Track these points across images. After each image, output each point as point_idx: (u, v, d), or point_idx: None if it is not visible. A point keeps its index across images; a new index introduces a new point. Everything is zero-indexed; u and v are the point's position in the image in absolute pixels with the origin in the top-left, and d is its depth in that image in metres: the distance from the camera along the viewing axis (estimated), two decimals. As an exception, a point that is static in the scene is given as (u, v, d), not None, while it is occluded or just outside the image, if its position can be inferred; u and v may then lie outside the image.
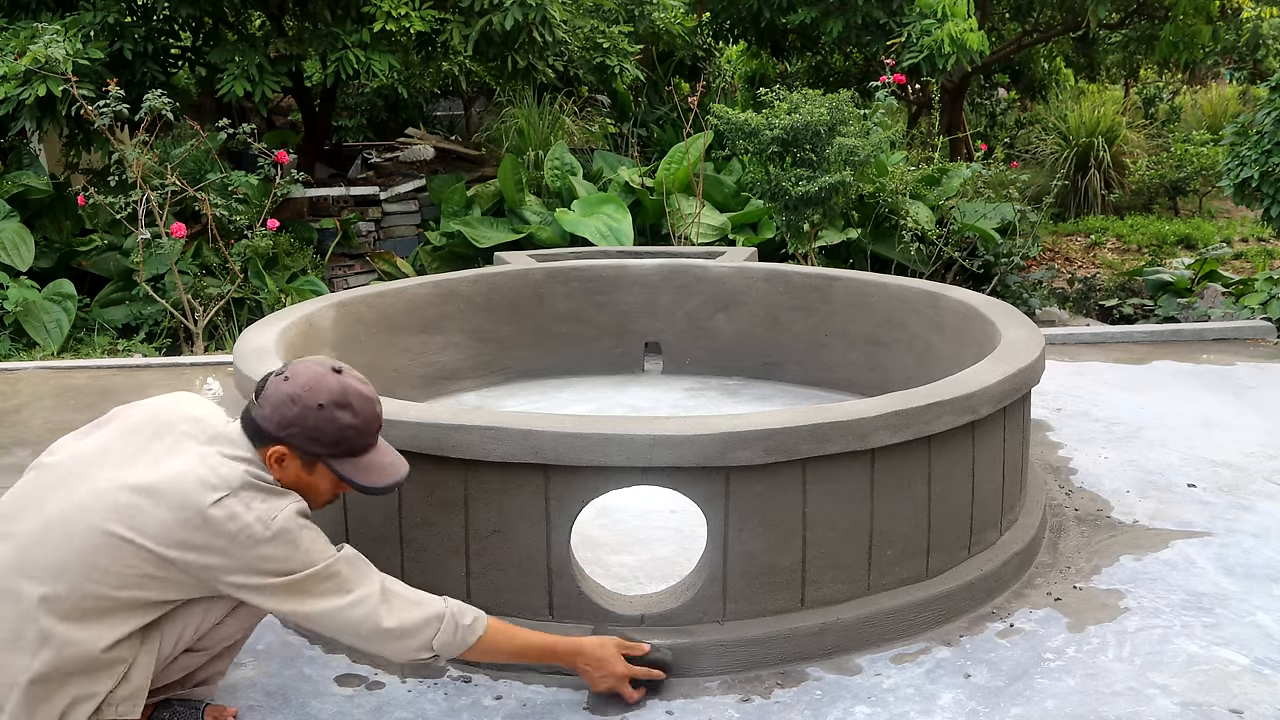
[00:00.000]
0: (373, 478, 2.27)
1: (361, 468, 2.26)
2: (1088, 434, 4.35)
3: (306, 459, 2.22)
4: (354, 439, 2.24)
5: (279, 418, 2.18)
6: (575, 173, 9.21)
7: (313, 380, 2.20)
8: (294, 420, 2.18)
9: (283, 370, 2.24)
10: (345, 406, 2.21)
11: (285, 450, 2.19)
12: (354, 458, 2.25)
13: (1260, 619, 2.88)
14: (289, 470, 2.21)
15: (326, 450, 2.21)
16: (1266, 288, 6.62)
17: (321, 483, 2.26)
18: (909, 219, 7.84)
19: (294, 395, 2.18)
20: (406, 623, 2.20)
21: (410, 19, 7.91)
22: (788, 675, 2.64)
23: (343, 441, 2.22)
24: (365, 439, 2.26)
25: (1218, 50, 11.14)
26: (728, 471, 2.59)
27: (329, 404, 2.19)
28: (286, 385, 2.20)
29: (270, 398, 2.20)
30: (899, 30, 9.19)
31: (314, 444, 2.20)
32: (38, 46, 6.87)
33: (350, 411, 2.22)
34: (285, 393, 2.19)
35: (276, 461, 2.19)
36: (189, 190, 7.07)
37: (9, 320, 7.03)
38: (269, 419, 2.18)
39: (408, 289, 4.66)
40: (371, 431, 2.27)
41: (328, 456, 2.22)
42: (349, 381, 2.24)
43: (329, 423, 2.19)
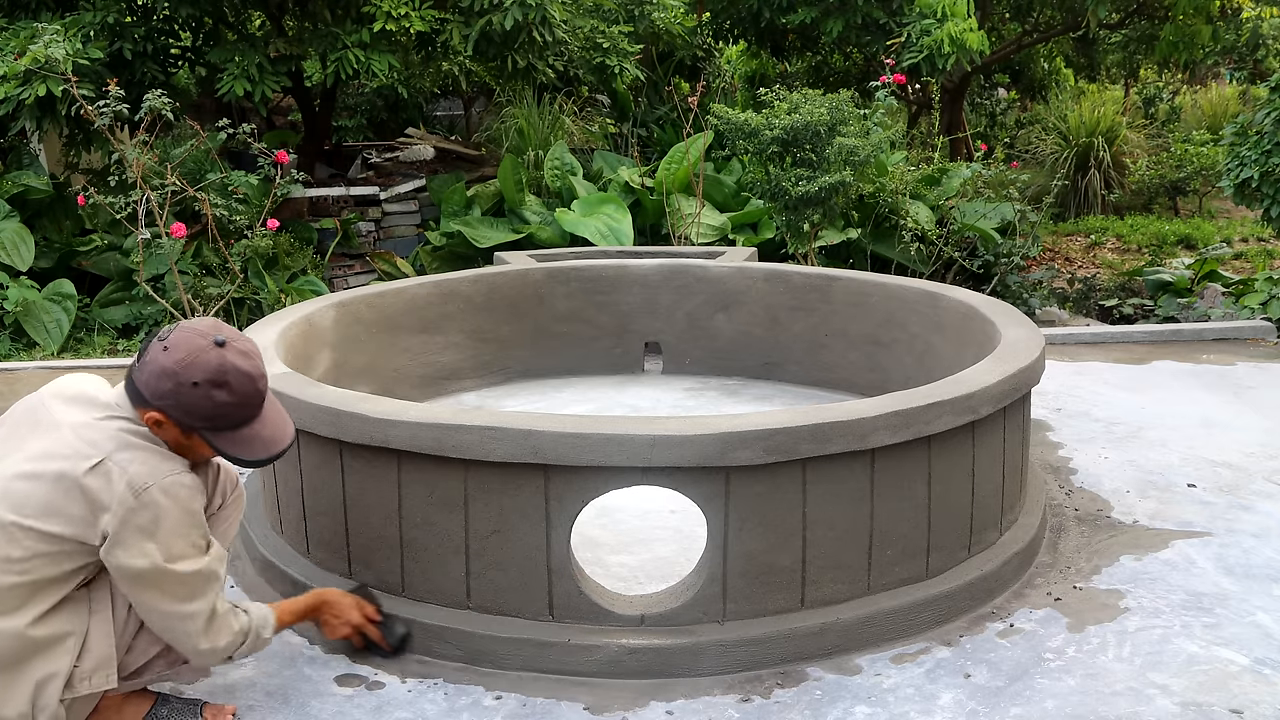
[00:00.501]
0: (248, 451, 2.26)
1: (239, 441, 2.25)
2: (1088, 434, 4.35)
3: (183, 429, 2.22)
4: (231, 415, 2.22)
5: (155, 388, 2.18)
6: (575, 173, 9.21)
7: (190, 356, 2.18)
8: (168, 394, 2.17)
9: (166, 335, 2.22)
10: (222, 385, 2.19)
11: (161, 417, 2.20)
12: (232, 431, 2.24)
13: (1260, 619, 2.88)
14: (167, 434, 2.22)
15: (202, 424, 2.21)
16: (1266, 288, 6.62)
17: (200, 447, 2.27)
18: (909, 219, 7.84)
19: (169, 370, 2.17)
20: (219, 645, 2.27)
21: (410, 19, 7.91)
22: (788, 675, 2.64)
23: (219, 418, 2.21)
24: (244, 413, 2.24)
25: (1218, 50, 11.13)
26: (728, 471, 2.59)
27: (204, 383, 2.17)
28: (164, 357, 2.18)
29: (148, 365, 2.19)
30: (899, 30, 9.18)
31: (189, 418, 2.19)
32: (38, 46, 6.87)
33: (227, 390, 2.19)
34: (162, 365, 2.18)
35: (154, 424, 2.21)
36: (189, 190, 7.06)
37: (9, 320, 7.03)
38: (146, 386, 2.19)
39: (408, 289, 4.66)
40: (251, 406, 2.25)
41: (203, 430, 2.22)
42: (229, 358, 2.20)
43: (204, 400, 2.18)
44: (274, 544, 3.16)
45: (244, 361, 2.23)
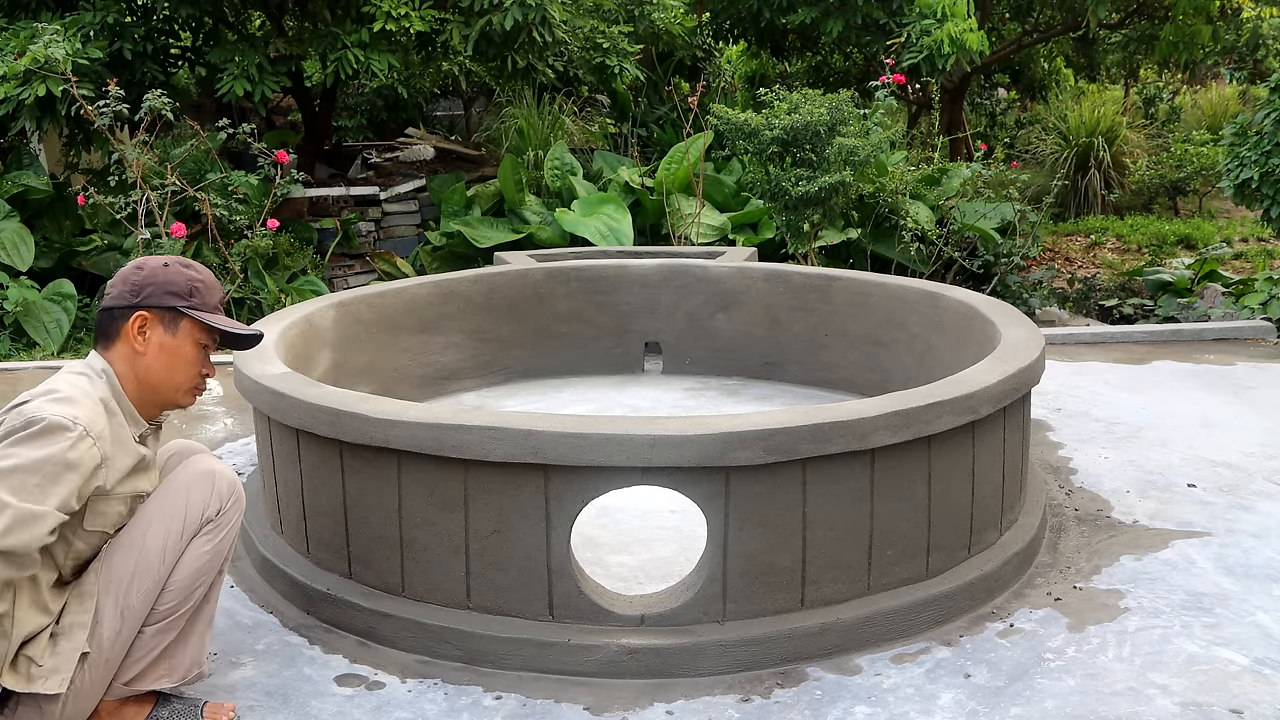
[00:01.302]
0: (235, 327, 2.39)
1: (223, 321, 2.38)
2: (1088, 434, 4.35)
3: (168, 320, 2.32)
4: (204, 293, 2.37)
5: (129, 285, 2.31)
6: (575, 173, 9.21)
7: (149, 259, 2.37)
8: (145, 280, 2.31)
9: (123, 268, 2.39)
10: (189, 266, 2.38)
11: (146, 314, 2.31)
12: (212, 313, 2.37)
13: (1260, 619, 2.88)
14: (153, 339, 2.31)
15: (184, 301, 2.33)
16: (1266, 288, 6.62)
17: (185, 346, 2.34)
18: (909, 219, 7.84)
19: (139, 264, 2.34)
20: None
21: (410, 19, 7.91)
22: (788, 675, 2.64)
23: (195, 294, 2.35)
24: (214, 297, 2.39)
25: (1218, 50, 11.13)
26: (728, 471, 2.59)
27: (173, 263, 2.35)
28: (130, 269, 2.35)
29: (115, 281, 2.34)
30: (899, 30, 9.19)
31: (171, 297, 2.32)
32: (37, 46, 6.87)
33: (194, 270, 2.37)
34: (130, 267, 2.35)
35: (139, 332, 2.30)
36: (189, 190, 7.07)
37: (9, 320, 7.03)
38: (120, 295, 2.31)
39: (408, 289, 4.66)
40: (217, 294, 2.41)
41: (187, 307, 2.33)
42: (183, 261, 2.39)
43: (179, 275, 2.34)
44: (274, 544, 3.16)
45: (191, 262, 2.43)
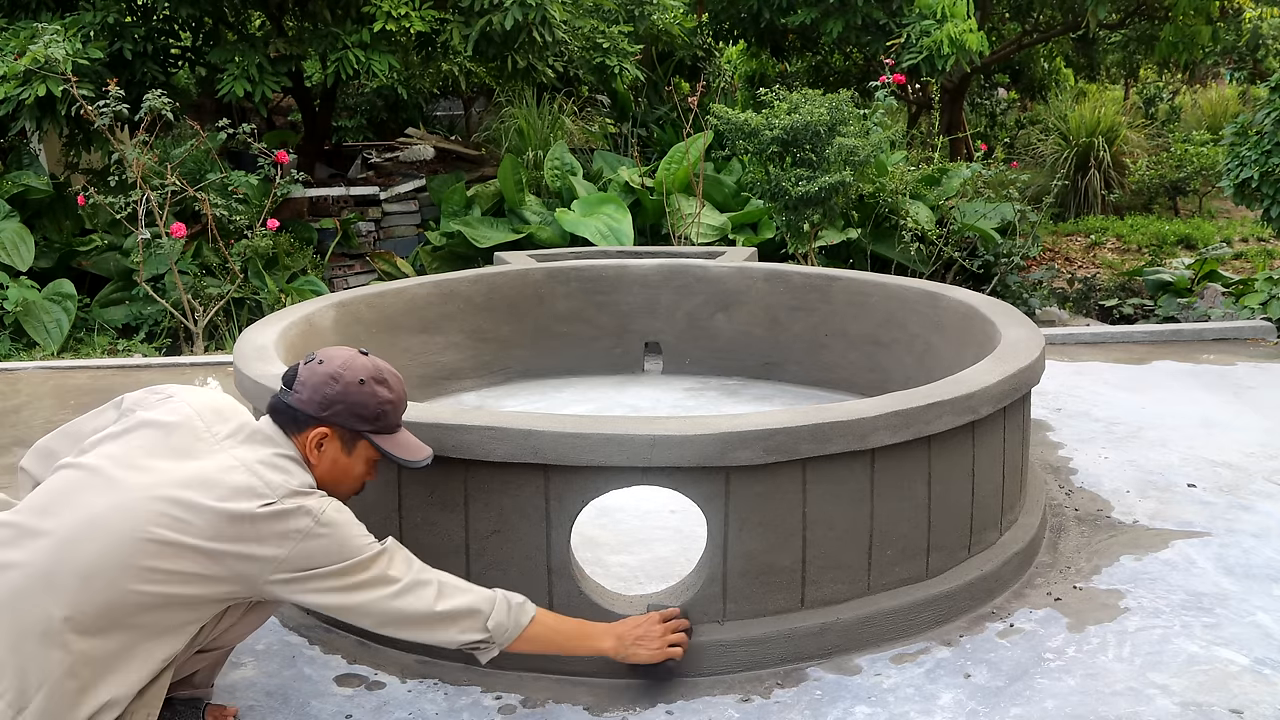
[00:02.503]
0: (410, 453, 2.34)
1: (399, 444, 2.33)
2: (1088, 434, 4.35)
3: (348, 439, 2.27)
4: (391, 415, 2.31)
5: (320, 397, 2.23)
6: (575, 173, 9.21)
7: (348, 360, 2.28)
8: (337, 398, 2.23)
9: (312, 357, 2.30)
10: (383, 382, 2.29)
11: (328, 431, 2.24)
12: (392, 435, 2.33)
13: (1260, 619, 2.88)
14: (327, 454, 2.25)
15: (369, 426, 2.27)
16: (1266, 288, 6.62)
17: (357, 465, 2.31)
18: (909, 219, 7.84)
19: (334, 374, 2.24)
20: (458, 605, 2.22)
21: (410, 19, 7.92)
22: (788, 675, 2.64)
23: (382, 417, 2.29)
24: (399, 415, 2.35)
25: (1218, 50, 11.14)
26: (728, 471, 2.59)
27: (370, 379, 2.26)
28: (323, 369, 2.25)
29: (308, 381, 2.24)
30: (899, 31, 9.19)
31: (357, 420, 2.25)
32: (37, 46, 6.87)
33: (387, 387, 2.30)
34: (324, 373, 2.24)
35: (316, 446, 2.24)
36: (189, 190, 7.07)
37: (9, 320, 7.03)
38: (309, 401, 2.23)
39: (408, 289, 4.66)
40: (402, 406, 2.36)
41: (370, 433, 2.28)
42: (379, 361, 2.33)
43: (371, 397, 2.26)
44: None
45: (391, 366, 2.36)
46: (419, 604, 2.19)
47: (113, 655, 2.03)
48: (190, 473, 2.10)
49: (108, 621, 2.02)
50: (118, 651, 2.04)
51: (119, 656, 2.04)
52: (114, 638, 2.03)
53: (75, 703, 2.00)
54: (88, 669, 2.01)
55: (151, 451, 2.15)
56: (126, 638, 2.04)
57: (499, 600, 2.29)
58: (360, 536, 2.17)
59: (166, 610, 2.06)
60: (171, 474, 2.10)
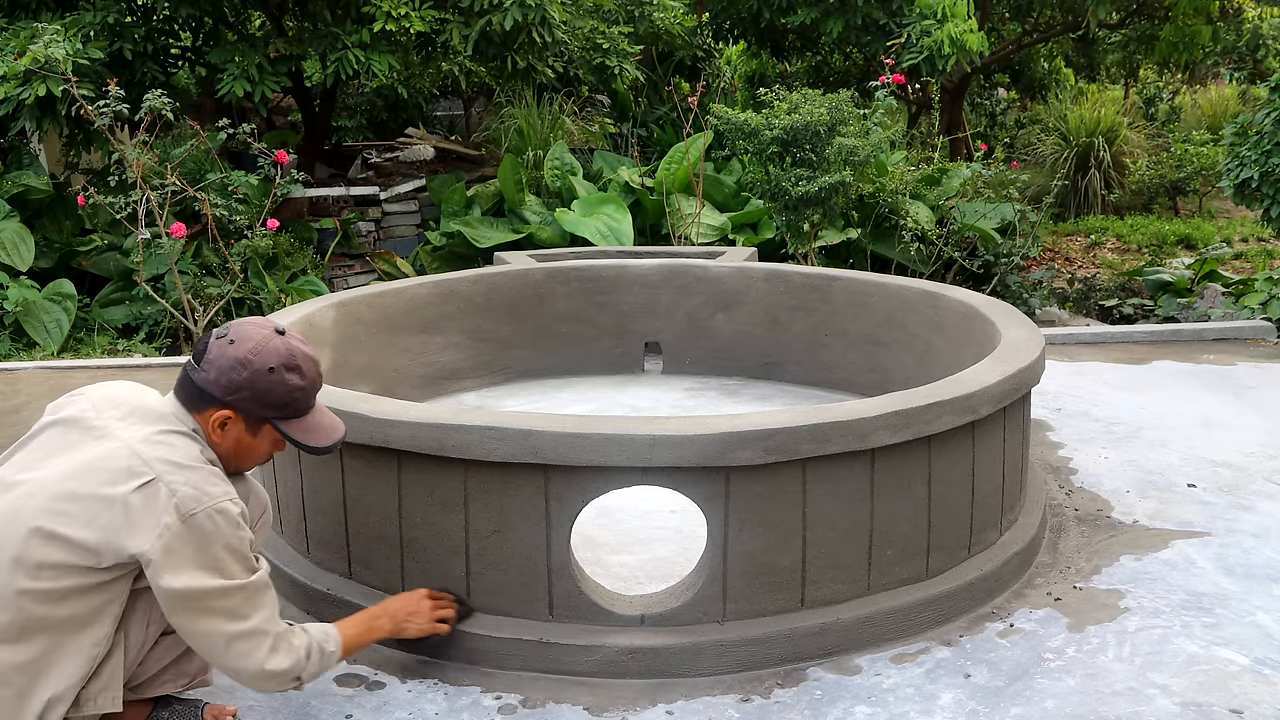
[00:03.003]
0: (317, 438, 2.29)
1: (306, 428, 2.28)
2: (1088, 434, 4.35)
3: (252, 422, 2.23)
4: (300, 400, 2.25)
5: (226, 381, 2.17)
6: (575, 173, 9.21)
7: (260, 344, 2.20)
8: (243, 384, 2.17)
9: (225, 332, 2.22)
10: (294, 369, 2.23)
11: (230, 414, 2.19)
12: (299, 419, 2.27)
13: (1260, 619, 2.88)
14: (230, 433, 2.21)
15: (275, 413, 2.23)
16: (1266, 288, 6.62)
17: (261, 445, 2.28)
18: (909, 219, 7.84)
19: (243, 359, 2.17)
20: (281, 668, 2.17)
21: (410, 19, 7.91)
22: (788, 675, 2.64)
23: (290, 404, 2.24)
24: (309, 399, 2.29)
25: (1218, 50, 11.13)
26: (728, 471, 2.59)
27: (279, 367, 2.20)
28: (233, 349, 2.18)
29: (215, 362, 2.18)
30: (899, 31, 9.19)
31: (263, 408, 2.21)
32: (38, 46, 6.87)
33: (299, 374, 2.23)
34: (234, 356, 2.17)
35: (219, 426, 2.20)
36: (189, 190, 7.07)
37: (9, 320, 7.03)
38: (215, 383, 2.17)
39: (408, 289, 4.66)
40: (315, 390, 2.30)
41: (275, 419, 2.24)
42: (294, 344, 2.25)
43: (279, 385, 2.20)
44: (274, 544, 3.15)
45: (306, 347, 2.29)
46: (252, 656, 2.13)
47: (39, 658, 2.04)
48: (74, 464, 2.09)
49: (20, 628, 2.02)
50: (43, 653, 2.04)
51: (46, 657, 2.04)
52: (35, 642, 2.03)
53: (18, 708, 2.02)
54: (19, 675, 2.02)
55: (47, 451, 2.15)
56: (46, 639, 2.04)
57: (313, 653, 2.24)
58: (227, 550, 2.08)
59: (72, 601, 2.05)
60: (58, 469, 2.09)
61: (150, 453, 2.09)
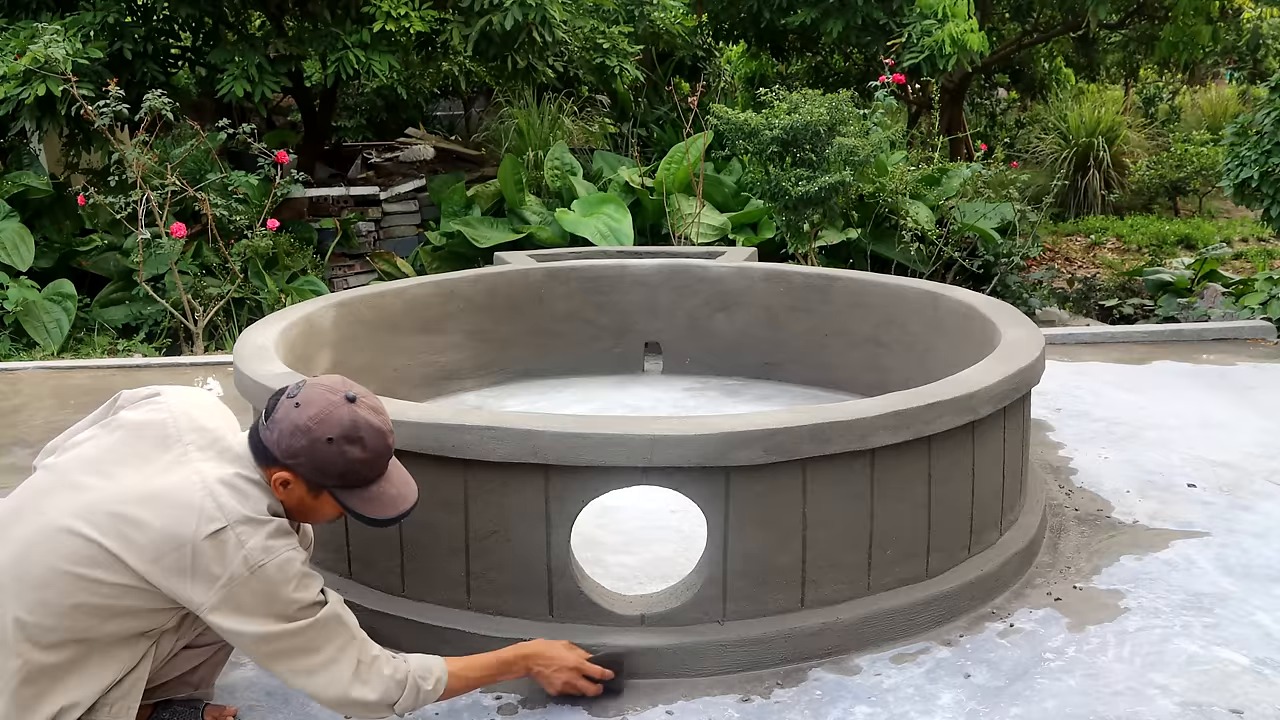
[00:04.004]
0: (378, 509, 2.22)
1: (368, 499, 2.21)
2: (1088, 434, 4.35)
3: (313, 486, 2.17)
4: (362, 472, 2.18)
5: (286, 446, 2.12)
6: (575, 173, 9.21)
7: (324, 412, 2.13)
8: (302, 451, 2.12)
9: (296, 392, 2.18)
10: (355, 441, 2.15)
11: (291, 476, 2.15)
12: (362, 489, 2.21)
13: (1260, 619, 2.88)
14: (293, 493, 2.17)
15: (334, 482, 2.17)
16: (1266, 288, 6.62)
17: (325, 508, 2.23)
18: (909, 219, 7.84)
19: (304, 426, 2.12)
20: (371, 694, 2.15)
21: (410, 19, 7.91)
22: (788, 675, 2.64)
23: (350, 475, 2.17)
24: (374, 471, 2.21)
25: (1218, 50, 11.14)
26: (728, 471, 2.59)
27: (339, 438, 2.13)
28: (297, 414, 2.13)
29: (280, 423, 2.14)
30: (899, 31, 9.18)
31: (321, 475, 2.15)
32: (37, 46, 6.87)
33: (360, 446, 2.16)
34: (295, 422, 2.13)
35: (281, 485, 2.16)
36: (189, 190, 7.07)
37: (9, 320, 7.03)
38: (276, 445, 2.13)
39: (408, 289, 4.66)
40: (381, 463, 2.22)
41: (334, 488, 2.18)
42: (361, 414, 2.16)
43: (339, 457, 2.14)
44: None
45: (375, 418, 2.19)
46: (336, 686, 2.12)
47: (67, 664, 2.03)
48: (148, 485, 2.07)
49: (59, 634, 2.01)
50: (71, 661, 2.04)
51: (74, 665, 2.04)
52: (67, 649, 2.03)
53: (32, 707, 2.02)
54: (44, 677, 2.02)
55: (120, 457, 2.13)
56: (79, 649, 2.03)
57: (408, 686, 2.20)
58: (293, 597, 2.07)
59: (115, 620, 2.04)
60: (129, 483, 2.07)
61: (225, 498, 2.06)
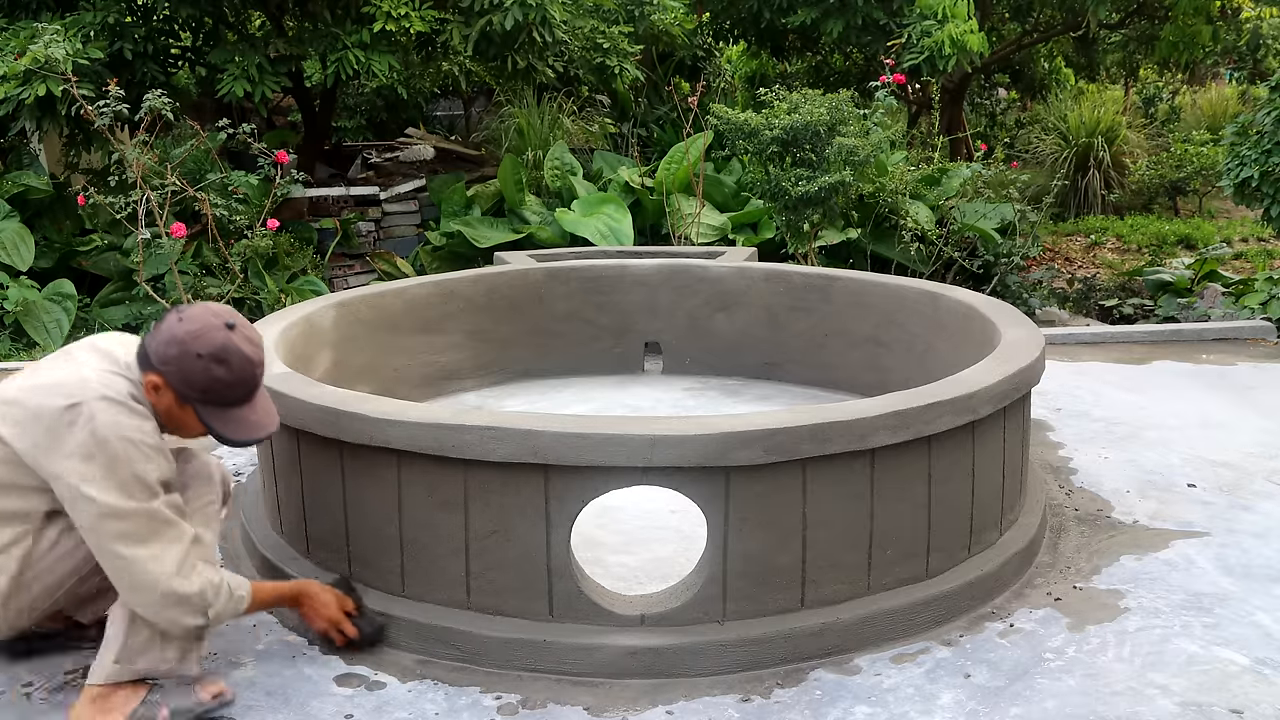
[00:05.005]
0: (234, 430, 2.40)
1: (227, 419, 2.39)
2: (1088, 434, 4.35)
3: (179, 398, 2.37)
4: (224, 393, 2.37)
5: (160, 353, 2.34)
6: (575, 173, 9.21)
7: (201, 329, 2.34)
8: (173, 360, 2.33)
9: (184, 309, 2.38)
10: (223, 362, 2.34)
11: (160, 382, 2.35)
12: (223, 409, 2.39)
13: (1260, 619, 2.88)
14: (163, 399, 2.37)
15: (197, 396, 2.35)
16: (1266, 288, 6.62)
17: (190, 421, 2.41)
18: (909, 219, 7.83)
19: (180, 338, 2.33)
20: (191, 588, 2.30)
21: (410, 19, 7.91)
22: (788, 675, 2.64)
23: (212, 393, 2.36)
24: (236, 394, 2.39)
25: (1218, 50, 11.13)
26: (728, 471, 2.59)
27: (208, 356, 2.33)
28: (177, 326, 2.34)
29: (161, 332, 2.36)
30: (899, 31, 9.18)
31: (186, 387, 2.35)
32: (38, 46, 6.87)
33: (226, 368, 2.34)
34: (173, 333, 2.34)
35: (152, 389, 2.36)
36: (189, 190, 7.06)
37: (9, 320, 7.03)
38: (153, 350, 2.35)
39: (408, 289, 4.66)
40: (244, 389, 2.40)
41: (197, 402, 2.36)
42: (234, 340, 2.35)
43: (204, 373, 2.33)
44: (274, 544, 3.16)
45: (248, 346, 2.38)
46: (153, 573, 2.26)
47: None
48: (34, 379, 2.36)
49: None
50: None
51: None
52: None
53: None
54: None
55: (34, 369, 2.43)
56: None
57: (224, 591, 2.38)
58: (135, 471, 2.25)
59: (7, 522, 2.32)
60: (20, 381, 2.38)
61: (91, 383, 2.30)
